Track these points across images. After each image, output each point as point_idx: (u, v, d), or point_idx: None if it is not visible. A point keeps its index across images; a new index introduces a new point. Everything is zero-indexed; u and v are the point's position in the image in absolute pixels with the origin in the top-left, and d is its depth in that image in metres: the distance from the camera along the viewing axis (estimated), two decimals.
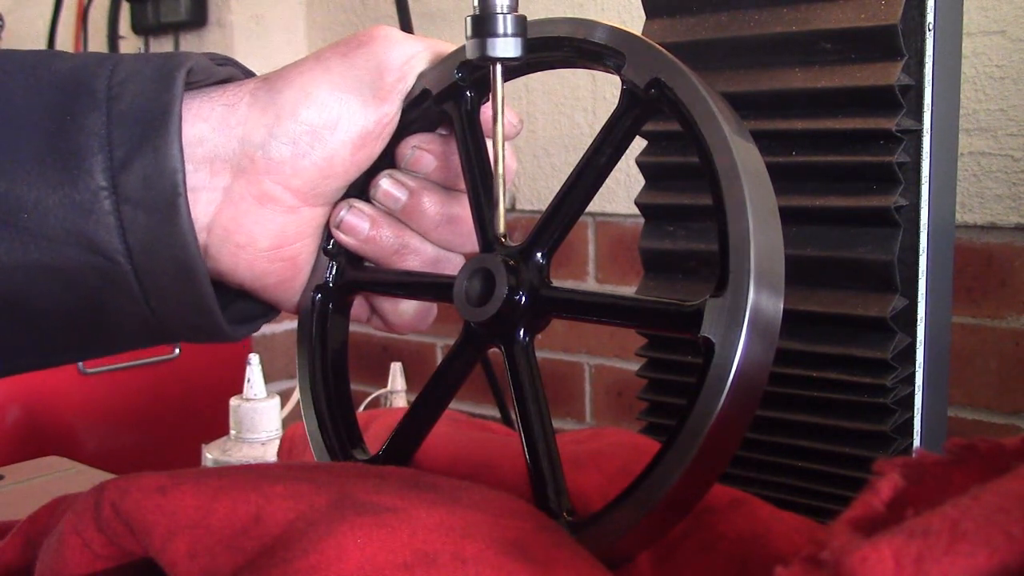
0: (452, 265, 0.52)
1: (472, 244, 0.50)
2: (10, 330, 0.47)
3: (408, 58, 0.49)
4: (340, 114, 0.48)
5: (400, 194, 0.51)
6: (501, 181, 0.47)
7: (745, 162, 0.39)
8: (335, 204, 0.51)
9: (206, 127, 0.47)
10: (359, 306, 0.54)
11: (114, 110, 0.44)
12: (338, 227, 0.51)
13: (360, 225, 0.50)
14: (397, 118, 0.50)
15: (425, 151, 0.51)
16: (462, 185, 0.50)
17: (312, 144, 0.47)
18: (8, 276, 0.44)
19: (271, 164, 0.47)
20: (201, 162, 0.47)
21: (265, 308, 0.53)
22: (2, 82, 0.45)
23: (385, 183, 0.51)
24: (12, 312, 0.45)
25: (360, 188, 0.51)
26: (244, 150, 0.47)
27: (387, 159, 0.51)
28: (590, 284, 1.35)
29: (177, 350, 1.36)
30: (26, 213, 0.43)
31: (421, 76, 0.50)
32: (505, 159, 0.47)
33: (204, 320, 0.48)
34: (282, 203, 0.48)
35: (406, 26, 1.41)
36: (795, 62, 0.58)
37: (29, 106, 0.45)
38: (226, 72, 0.50)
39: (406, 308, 0.53)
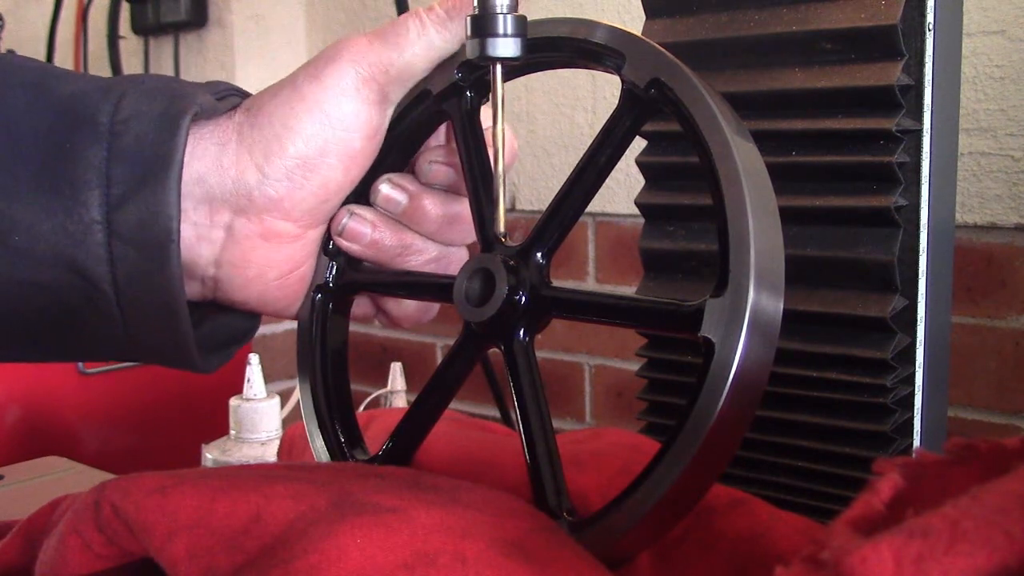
0: (455, 260, 0.52)
1: (474, 235, 0.50)
2: None
3: (382, 67, 0.48)
4: (326, 140, 0.47)
5: (400, 198, 0.51)
6: (501, 181, 0.47)
7: (745, 162, 0.39)
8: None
9: (202, 167, 0.47)
10: (362, 303, 0.55)
11: (115, 146, 0.44)
12: (341, 235, 0.51)
13: (363, 231, 0.51)
14: (385, 126, 0.49)
15: (444, 165, 0.51)
16: (464, 186, 0.50)
17: (306, 175, 0.47)
18: None
19: (270, 202, 0.47)
20: (200, 201, 0.47)
21: (244, 328, 0.54)
22: (4, 97, 0.45)
23: (385, 188, 0.51)
24: None
25: (359, 191, 0.51)
26: (240, 190, 0.47)
27: (388, 160, 0.51)
28: (590, 284, 1.35)
29: None
30: (18, 235, 0.44)
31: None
32: (505, 145, 0.47)
33: (179, 354, 0.48)
34: (286, 235, 0.48)
35: None
36: (795, 62, 0.58)
37: (30, 126, 0.45)
38: (228, 105, 0.49)
39: (408, 302, 0.54)
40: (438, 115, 0.50)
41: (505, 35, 0.45)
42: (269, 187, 0.47)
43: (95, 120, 0.45)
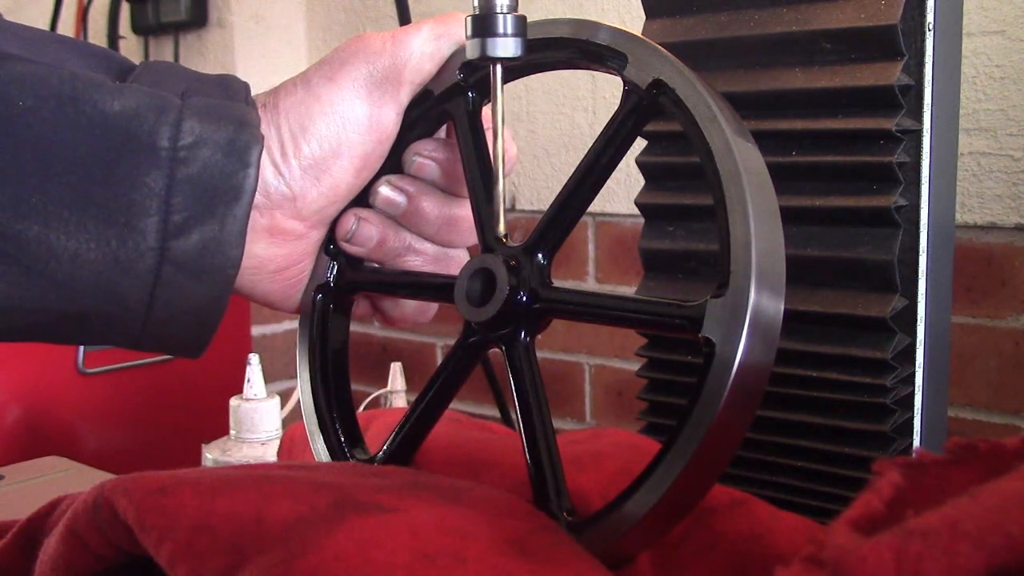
0: (455, 261, 0.53)
1: (474, 238, 0.50)
2: None
3: (395, 69, 0.48)
4: (339, 141, 0.48)
5: (399, 199, 0.51)
6: (501, 182, 0.47)
7: (746, 163, 0.39)
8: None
9: None
10: (362, 303, 0.55)
11: (179, 173, 0.43)
12: (350, 240, 0.51)
13: (370, 235, 0.51)
14: (396, 130, 0.50)
15: (427, 159, 0.51)
16: (463, 189, 0.50)
17: (318, 176, 0.48)
18: (14, 315, 0.43)
19: (284, 199, 0.47)
20: None
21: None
22: (30, 109, 0.41)
23: (384, 190, 0.51)
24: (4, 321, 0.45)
25: (358, 195, 0.51)
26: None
27: (388, 162, 0.51)
28: (590, 284, 1.35)
29: None
30: (57, 262, 0.42)
31: None
32: (504, 148, 0.47)
33: (186, 354, 0.49)
34: (292, 233, 0.49)
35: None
36: (795, 62, 0.58)
37: (64, 144, 0.42)
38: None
39: (406, 303, 0.54)
40: (440, 116, 0.50)
41: (505, 35, 0.45)
42: (284, 185, 0.47)
43: (153, 144, 0.43)
